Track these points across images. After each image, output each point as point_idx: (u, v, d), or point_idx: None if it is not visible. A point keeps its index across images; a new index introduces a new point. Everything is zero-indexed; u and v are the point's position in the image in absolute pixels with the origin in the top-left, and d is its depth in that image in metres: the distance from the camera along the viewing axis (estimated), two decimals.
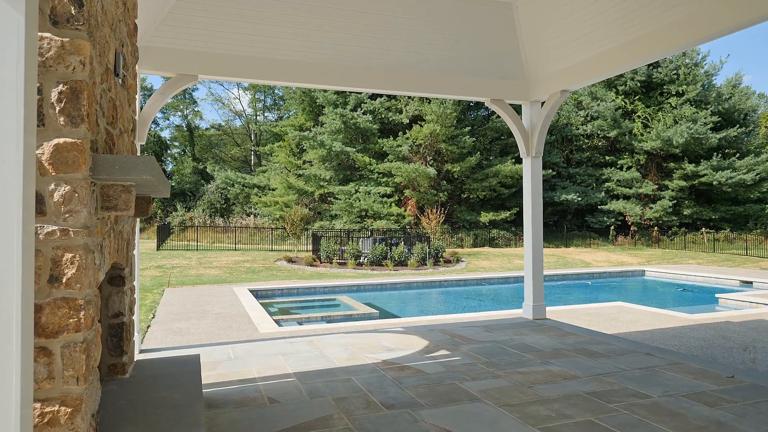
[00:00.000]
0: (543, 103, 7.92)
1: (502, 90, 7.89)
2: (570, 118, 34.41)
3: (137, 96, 5.28)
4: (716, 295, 13.30)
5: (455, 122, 30.66)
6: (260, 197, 34.69)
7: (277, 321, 9.71)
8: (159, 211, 36.37)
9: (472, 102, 31.17)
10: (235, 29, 6.40)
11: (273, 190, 34.94)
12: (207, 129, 50.37)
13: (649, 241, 31.60)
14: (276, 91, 45.99)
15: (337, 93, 31.97)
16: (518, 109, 8.49)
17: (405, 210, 30.48)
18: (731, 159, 32.53)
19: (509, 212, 31.01)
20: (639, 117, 34.52)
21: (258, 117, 48.13)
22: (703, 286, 16.56)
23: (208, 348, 6.21)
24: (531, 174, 8.05)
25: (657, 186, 33.45)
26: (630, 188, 33.38)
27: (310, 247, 23.18)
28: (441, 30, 7.22)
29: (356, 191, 31.08)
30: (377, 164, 31.24)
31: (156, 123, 45.79)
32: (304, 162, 35.27)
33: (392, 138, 31.96)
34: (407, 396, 4.43)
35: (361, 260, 20.03)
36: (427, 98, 29.93)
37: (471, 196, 31.75)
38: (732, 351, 7.05)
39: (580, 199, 32.76)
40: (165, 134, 47.44)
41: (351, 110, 32.03)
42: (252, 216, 35.07)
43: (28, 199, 1.57)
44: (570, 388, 4.61)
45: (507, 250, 26.47)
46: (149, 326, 8.61)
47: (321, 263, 19.85)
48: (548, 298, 13.91)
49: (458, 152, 30.87)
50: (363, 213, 30.45)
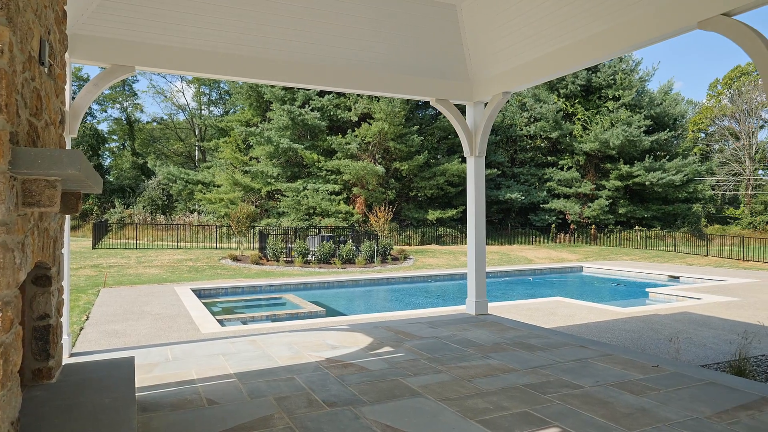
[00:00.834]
0: (486, 104, 8.11)
1: (447, 90, 8.02)
2: (514, 119, 35.41)
3: (67, 86, 5.02)
4: (646, 290, 14.07)
5: (404, 121, 30.92)
6: (205, 194, 33.76)
7: (221, 321, 9.49)
8: (95, 208, 34.70)
9: (420, 101, 31.50)
10: (176, 20, 6.19)
11: (218, 187, 34.07)
12: (148, 122, 48.47)
13: (588, 239, 33.00)
14: (222, 86, 44.84)
15: (285, 89, 31.55)
16: (463, 110, 8.65)
17: (353, 208, 30.47)
18: (662, 161, 34.43)
19: (456, 210, 31.58)
20: (579, 119, 35.96)
21: (202, 111, 46.79)
22: (635, 281, 17.47)
23: (145, 350, 5.99)
24: (474, 173, 8.23)
25: (595, 186, 34.98)
26: (570, 188, 34.73)
27: (257, 245, 22.76)
28: (387, 29, 7.26)
29: (304, 188, 30.79)
30: (326, 162, 31.06)
31: (92, 115, 43.65)
32: (251, 158, 34.60)
33: (341, 135, 31.86)
34: (349, 393, 4.44)
35: (309, 258, 19.87)
36: (376, 96, 30.01)
37: (419, 195, 32.11)
38: (659, 342, 7.48)
39: (524, 198, 33.80)
40: (102, 127, 45.29)
41: (299, 107, 31.68)
42: (196, 213, 34.06)
43: None
44: (508, 381, 4.76)
45: (454, 248, 26.96)
46: (82, 328, 8.21)
47: (267, 261, 19.55)
48: (492, 294, 14.29)
49: (406, 151, 31.14)
50: (311, 211, 30.21)
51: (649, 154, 34.90)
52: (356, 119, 31.85)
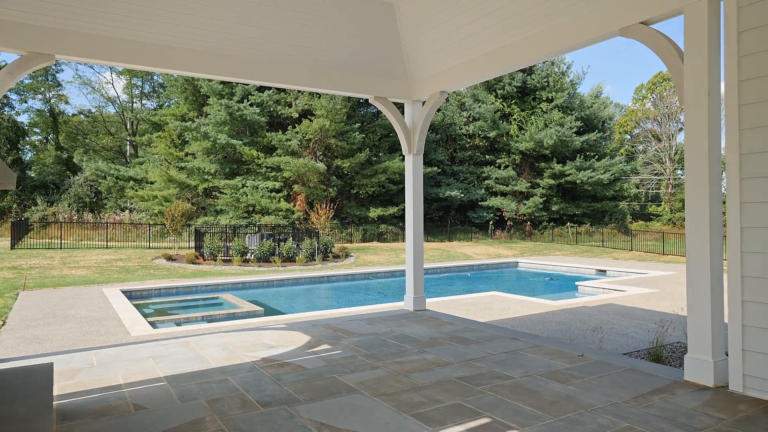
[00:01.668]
0: (424, 103, 8.22)
1: (386, 88, 8.07)
2: (454, 119, 36.12)
3: None
4: (576, 283, 14.76)
5: (345, 118, 30.82)
6: (137, 191, 32.29)
7: (152, 323, 9.13)
8: (14, 206, 32.41)
9: (361, 99, 31.50)
10: (102, 6, 5.86)
11: (151, 184, 32.68)
12: (74, 115, 45.74)
13: (523, 235, 34.20)
14: (155, 78, 42.97)
15: (223, 83, 30.66)
16: (402, 108, 8.73)
17: (294, 205, 30.08)
18: (591, 161, 36.20)
19: (397, 208, 31.85)
20: (515, 120, 37.17)
21: (134, 104, 44.67)
22: (566, 275, 18.29)
23: (68, 355, 5.67)
24: (413, 170, 8.33)
25: (530, 184, 36.29)
26: (507, 186, 35.85)
27: (193, 244, 22.04)
28: (326, 25, 7.20)
29: (243, 186, 30.08)
30: (265, 158, 30.48)
31: (10, 106, 40.69)
32: (187, 154, 33.41)
33: (281, 132, 31.35)
34: (285, 392, 4.39)
35: (248, 257, 19.45)
36: (317, 93, 29.74)
37: (360, 192, 32.14)
38: (585, 332, 7.87)
39: (463, 196, 34.57)
40: (22, 119, 42.32)
41: (238, 102, 30.88)
42: (127, 211, 32.51)
43: None
44: (443, 375, 4.86)
45: (395, 245, 27.19)
46: None
47: (204, 260, 18.97)
48: (432, 290, 14.54)
49: (348, 148, 31.08)
50: (250, 208, 29.57)
51: (580, 154, 36.59)
52: (297, 116, 31.44)
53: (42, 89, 43.12)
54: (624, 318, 9.08)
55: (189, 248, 21.94)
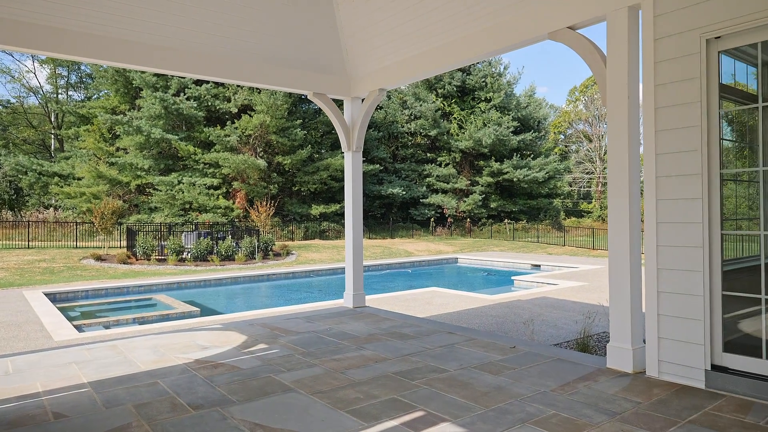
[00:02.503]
0: (363, 100, 8.23)
1: (325, 84, 8.02)
2: (396, 117, 36.40)
3: None
4: (512, 278, 15.27)
5: (286, 114, 30.38)
6: (62, 187, 30.45)
7: (78, 327, 8.67)
8: None
9: (301, 95, 31.18)
10: None
11: (79, 180, 30.92)
12: None
13: (463, 232, 34.98)
14: (83, 68, 40.63)
15: (158, 75, 29.42)
16: (341, 105, 8.71)
17: (233, 203, 29.36)
18: (527, 159, 37.54)
19: (339, 205, 31.76)
20: (455, 118, 37.94)
21: (59, 96, 42.04)
22: (503, 270, 18.88)
23: None
24: (352, 167, 8.33)
25: (470, 182, 37.17)
26: (447, 183, 36.56)
27: (125, 244, 21.06)
28: (265, 19, 7.06)
29: (179, 182, 29.05)
30: (203, 154, 29.57)
31: None
32: (118, 149, 31.86)
33: (219, 127, 30.50)
34: (218, 394, 4.28)
35: (184, 256, 18.81)
36: (257, 88, 29.12)
37: (302, 189, 31.80)
38: (519, 325, 8.16)
39: (405, 193, 34.94)
40: None
41: (173, 95, 29.75)
42: (51, 209, 30.61)
43: None
44: (380, 370, 4.90)
45: (337, 242, 27.10)
46: None
47: (137, 260, 18.19)
48: (373, 287, 14.61)
49: (289, 144, 30.66)
50: (187, 206, 28.60)
51: (517, 153, 37.85)
52: (236, 111, 30.67)
53: None
54: (555, 310, 9.49)
55: (120, 248, 20.96)
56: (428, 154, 37.74)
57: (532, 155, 39.04)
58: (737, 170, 4.66)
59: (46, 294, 11.67)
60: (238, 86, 30.23)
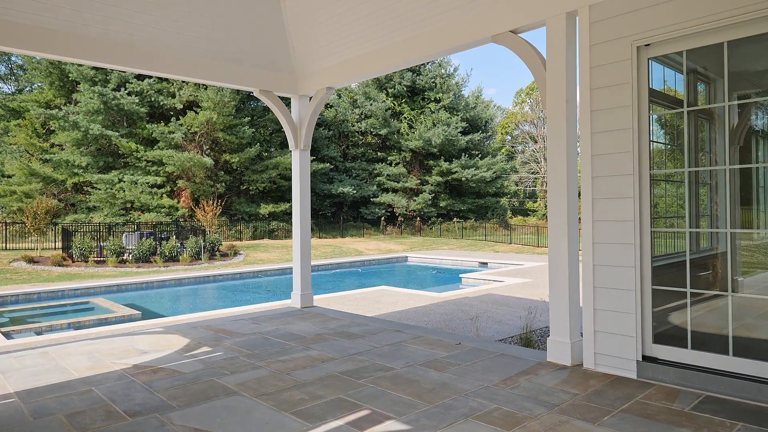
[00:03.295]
0: (311, 98, 8.15)
1: (272, 82, 7.89)
2: (346, 115, 36.32)
3: None
4: (460, 275, 15.54)
5: (234, 111, 29.72)
6: None
7: (7, 333, 8.17)
8: None
9: (247, 92, 30.61)
10: None
11: (9, 177, 29.11)
12: None
13: (413, 230, 35.33)
14: (13, 59, 38.25)
15: (96, 69, 28.09)
16: (289, 103, 8.59)
17: (178, 202, 28.47)
18: (475, 159, 38.31)
19: (289, 204, 31.35)
20: (405, 118, 38.24)
21: None
22: (452, 268, 19.20)
23: None
24: (300, 166, 8.24)
25: (419, 181, 37.57)
26: (398, 182, 36.82)
27: (60, 245, 19.99)
28: (210, 14, 6.86)
29: (120, 180, 27.89)
30: (146, 151, 28.50)
31: None
32: (53, 145, 30.21)
33: (164, 124, 29.48)
34: (157, 399, 4.14)
35: (125, 257, 18.08)
36: (203, 84, 28.33)
37: (251, 188, 31.21)
38: (465, 322, 8.31)
39: (355, 192, 34.92)
40: None
41: (113, 89, 28.51)
42: None
43: None
44: (326, 370, 4.87)
45: (287, 242, 26.77)
46: None
47: (73, 262, 17.33)
48: (323, 287, 14.52)
49: (237, 142, 30.02)
50: (128, 205, 27.50)
51: (465, 153, 38.56)
52: (181, 107, 29.73)
53: None
54: (501, 306, 9.73)
55: (55, 249, 19.89)
56: (379, 153, 37.87)
57: (480, 155, 39.86)
58: (665, 171, 4.93)
59: None
60: (184, 82, 29.31)
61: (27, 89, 36.91)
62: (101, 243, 18.81)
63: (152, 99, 29.37)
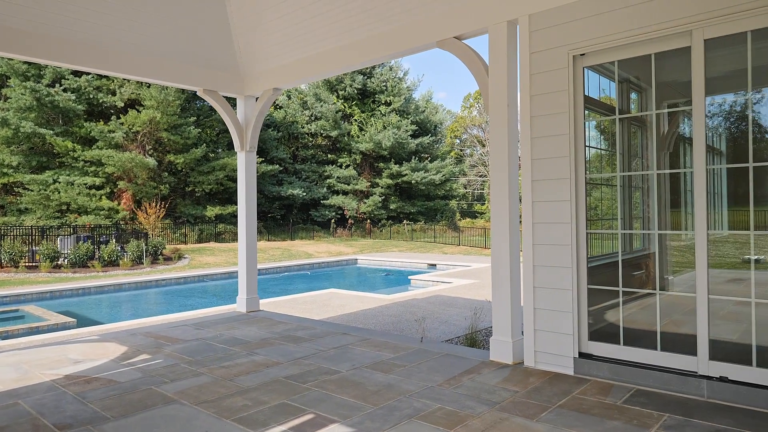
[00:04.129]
0: (258, 99, 8.02)
1: (216, 81, 7.71)
2: (296, 117, 35.95)
3: None
4: (409, 277, 15.68)
5: (179, 110, 28.81)
6: None
7: None
8: None
9: (190, 91, 29.76)
10: None
11: None
12: None
13: (363, 233, 35.36)
14: None
15: (28, 63, 26.54)
16: (234, 103, 8.42)
17: (119, 204, 27.31)
18: (425, 162, 38.78)
19: (236, 206, 30.66)
20: (356, 120, 38.25)
21: None
22: (401, 270, 19.34)
23: None
24: (245, 168, 8.09)
25: (370, 183, 37.65)
26: (348, 185, 36.75)
27: None
28: (151, 10, 6.63)
29: (55, 181, 26.45)
30: (83, 151, 27.17)
31: None
32: None
33: (103, 122, 28.22)
34: (90, 411, 3.95)
35: (61, 262, 17.18)
36: (146, 82, 27.34)
37: (196, 190, 30.35)
38: (413, 323, 8.39)
39: (305, 194, 34.59)
40: None
41: (47, 85, 27.01)
42: None
43: None
44: (270, 375, 4.79)
45: (234, 245, 26.18)
46: None
47: (2, 268, 16.33)
48: (271, 290, 14.29)
49: (182, 143, 29.12)
50: (64, 207, 26.13)
51: (415, 156, 38.98)
52: (122, 105, 28.54)
53: None
54: (448, 307, 9.88)
55: None
56: (329, 156, 37.68)
57: (430, 158, 40.39)
58: (601, 175, 5.16)
59: None
60: (125, 79, 28.16)
61: None
62: (33, 247, 17.80)
63: (91, 96, 28.07)
